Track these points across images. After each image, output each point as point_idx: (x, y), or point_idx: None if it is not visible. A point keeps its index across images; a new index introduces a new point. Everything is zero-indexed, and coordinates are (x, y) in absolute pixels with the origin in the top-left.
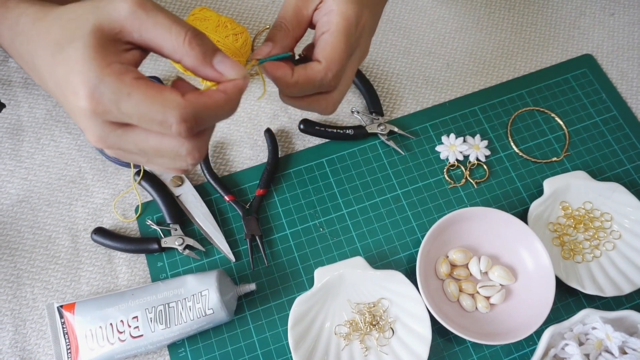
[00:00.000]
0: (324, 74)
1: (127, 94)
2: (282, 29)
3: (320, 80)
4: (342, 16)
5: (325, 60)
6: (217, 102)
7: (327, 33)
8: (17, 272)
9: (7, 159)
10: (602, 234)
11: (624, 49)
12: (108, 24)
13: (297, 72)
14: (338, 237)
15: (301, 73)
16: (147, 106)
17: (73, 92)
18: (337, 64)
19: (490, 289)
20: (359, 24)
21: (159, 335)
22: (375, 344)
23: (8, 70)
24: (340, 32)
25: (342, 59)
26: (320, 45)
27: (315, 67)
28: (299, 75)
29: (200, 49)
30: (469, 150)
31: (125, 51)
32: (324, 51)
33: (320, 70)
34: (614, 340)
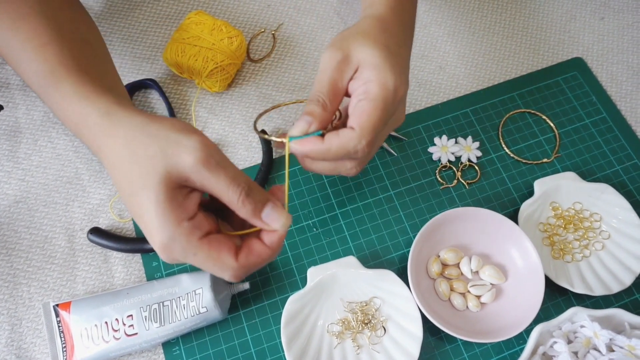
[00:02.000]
0: (358, 142)
1: (193, 253)
2: (321, 104)
3: (353, 148)
4: (382, 87)
5: (360, 129)
6: (263, 259)
7: (364, 101)
8: (14, 272)
9: (5, 160)
10: (591, 234)
11: (613, 52)
12: (176, 174)
13: (329, 140)
14: (331, 237)
15: (333, 141)
16: (208, 266)
17: (149, 232)
18: (372, 133)
19: (480, 288)
20: (397, 95)
21: (154, 333)
22: (368, 342)
23: (6, 72)
24: (378, 102)
25: (377, 128)
26: (355, 113)
27: (349, 134)
28: (330, 143)
29: (251, 206)
30: (461, 151)
31: (189, 194)
32: (359, 119)
33: (354, 137)
34: (602, 338)
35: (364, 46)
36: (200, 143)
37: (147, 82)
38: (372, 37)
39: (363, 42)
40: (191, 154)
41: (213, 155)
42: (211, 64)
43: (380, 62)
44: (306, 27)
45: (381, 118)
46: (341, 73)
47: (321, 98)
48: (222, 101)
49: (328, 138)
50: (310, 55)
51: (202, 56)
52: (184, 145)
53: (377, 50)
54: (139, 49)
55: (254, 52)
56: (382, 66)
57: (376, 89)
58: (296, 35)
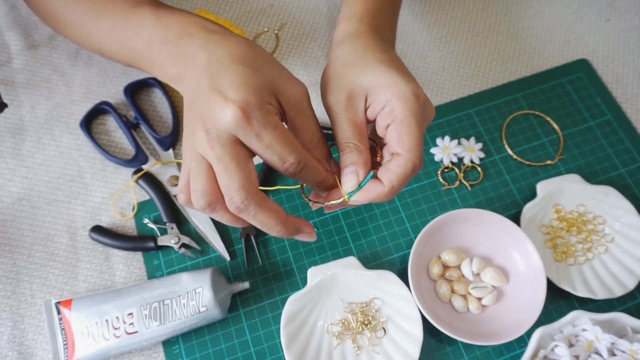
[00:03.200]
0: (413, 164)
1: (272, 127)
2: (355, 149)
3: (412, 171)
4: (403, 101)
5: (407, 151)
6: (320, 170)
7: (394, 123)
8: (16, 269)
9: (9, 157)
10: (594, 237)
11: (619, 54)
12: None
13: (386, 178)
14: (332, 237)
15: (392, 177)
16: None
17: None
18: (419, 148)
19: (482, 290)
20: (420, 98)
21: (154, 331)
22: (367, 343)
23: (11, 71)
24: (409, 117)
25: (419, 140)
26: (394, 138)
27: (400, 161)
28: (391, 181)
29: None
30: (463, 152)
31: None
32: (401, 142)
33: (408, 161)
34: (604, 342)
35: (362, 73)
36: (304, 85)
37: (151, 80)
38: (360, 62)
39: (357, 71)
40: (301, 87)
41: (310, 99)
42: None
43: (386, 79)
44: (309, 27)
45: (418, 130)
46: (354, 110)
47: (350, 143)
48: None
49: (384, 177)
50: (314, 55)
51: None
52: (296, 80)
53: (376, 70)
54: None
55: None
56: (391, 81)
57: (400, 105)
58: (299, 35)
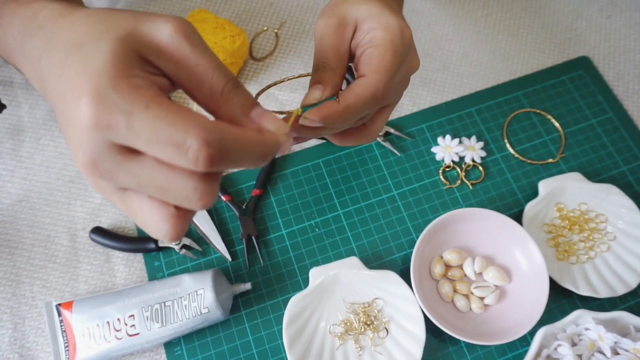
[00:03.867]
0: (375, 87)
1: (144, 106)
2: (328, 69)
3: (372, 94)
4: (386, 29)
5: (373, 73)
6: (250, 140)
7: (370, 48)
8: (17, 271)
9: (8, 158)
10: (596, 236)
11: (620, 51)
12: (144, 39)
13: (344, 97)
14: (334, 237)
15: (349, 96)
16: (165, 122)
17: (75, 96)
18: (387, 75)
19: (484, 290)
20: (405, 36)
21: (155, 333)
22: (370, 343)
23: (9, 71)
24: (386, 44)
25: (391, 70)
26: (364, 61)
27: (363, 82)
28: (347, 100)
29: (240, 100)
30: (465, 151)
31: (152, 74)
32: (370, 65)
33: (370, 83)
34: (607, 341)
35: (357, 4)
36: (180, 18)
37: None
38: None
39: (353, 2)
40: (169, 23)
41: (195, 33)
42: None
43: (378, 11)
44: (309, 26)
45: (393, 60)
46: (340, 36)
47: (327, 64)
48: None
49: (342, 96)
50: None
51: None
52: (161, 16)
53: (372, 3)
54: None
55: (256, 51)
56: (381, 13)
57: (381, 33)
58: (299, 34)
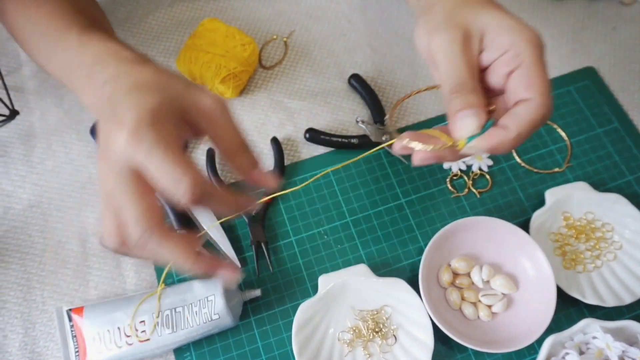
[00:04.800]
0: (546, 109)
1: (164, 148)
2: (473, 92)
3: (542, 118)
4: (532, 44)
5: (540, 95)
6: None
7: (522, 67)
8: (27, 276)
9: (20, 164)
10: (603, 244)
11: (625, 62)
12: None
13: (514, 123)
14: (342, 244)
15: (520, 122)
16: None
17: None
18: (549, 94)
19: (492, 298)
20: (544, 49)
21: (166, 339)
22: (378, 350)
23: (21, 78)
24: (538, 61)
25: (550, 88)
26: (519, 83)
27: (532, 105)
28: (519, 126)
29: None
30: (472, 160)
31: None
32: (531, 86)
33: (540, 106)
34: (614, 350)
35: (478, 14)
36: (221, 97)
37: None
38: (476, 3)
39: (474, 11)
40: (213, 97)
41: (228, 107)
42: (224, 71)
43: (508, 21)
44: (318, 34)
45: (547, 77)
46: (470, 51)
47: (468, 84)
48: (233, 108)
49: (509, 122)
50: (322, 62)
51: (214, 63)
52: (208, 92)
53: (495, 12)
54: (152, 55)
55: (265, 59)
56: (512, 23)
57: (529, 50)
58: (308, 42)
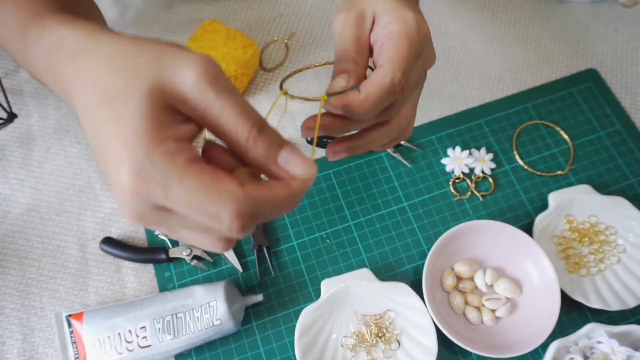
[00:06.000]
0: (392, 75)
1: (178, 179)
2: (352, 60)
3: (390, 82)
4: (402, 23)
5: (390, 62)
6: (280, 197)
7: (388, 41)
8: (26, 281)
9: (18, 168)
10: (606, 248)
11: (627, 64)
12: (169, 89)
13: (364, 86)
14: (345, 248)
15: (367, 84)
16: (200, 196)
17: (116, 163)
18: (403, 63)
19: (495, 302)
20: (421, 29)
21: (167, 345)
22: (382, 355)
23: (19, 80)
24: (402, 37)
25: (408, 60)
26: (382, 53)
27: (380, 71)
28: (366, 89)
29: (265, 145)
30: (475, 163)
31: (181, 123)
32: (387, 55)
33: (387, 72)
34: (619, 354)
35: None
36: (205, 59)
37: None
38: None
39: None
40: (193, 67)
41: (221, 75)
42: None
43: (395, 5)
44: (318, 36)
45: (409, 52)
46: (360, 28)
47: (349, 55)
48: None
49: (362, 86)
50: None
51: None
52: (186, 57)
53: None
54: None
55: (266, 61)
56: (398, 7)
57: (397, 26)
58: (309, 44)
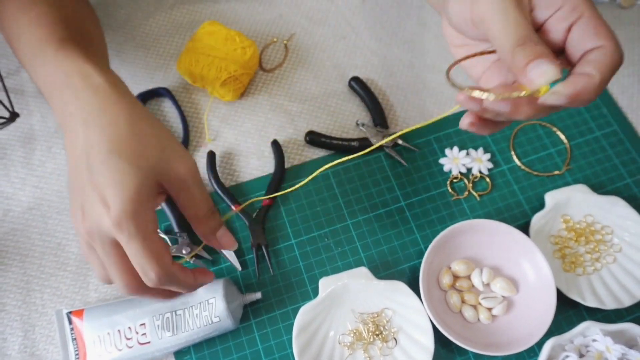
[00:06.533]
0: (619, 52)
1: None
2: (536, 42)
3: (619, 62)
4: None
5: (608, 40)
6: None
7: (582, 19)
8: (27, 278)
9: (20, 167)
10: (602, 247)
11: (624, 65)
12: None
13: (594, 68)
14: (343, 247)
15: (600, 67)
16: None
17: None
18: (614, 37)
19: (492, 301)
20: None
21: (166, 342)
22: (379, 353)
23: (21, 80)
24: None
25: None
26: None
27: (606, 51)
28: (600, 71)
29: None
30: (472, 163)
31: (159, 195)
32: (599, 34)
33: (614, 50)
34: (614, 352)
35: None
36: (192, 159)
37: (161, 90)
38: None
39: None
40: (186, 164)
41: (197, 174)
42: (224, 73)
43: None
44: (318, 37)
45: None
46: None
47: (533, 36)
48: (234, 110)
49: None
50: (322, 65)
51: (215, 66)
52: (181, 155)
53: None
54: (152, 58)
55: (266, 62)
56: None
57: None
58: (308, 45)
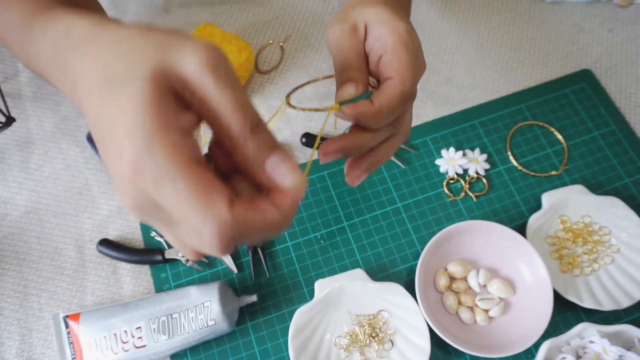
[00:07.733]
0: (403, 85)
1: (171, 178)
2: (356, 68)
3: (401, 92)
4: (396, 33)
5: (398, 74)
6: (267, 221)
7: (387, 52)
8: (24, 282)
9: (16, 170)
10: (600, 248)
11: (622, 64)
12: (172, 72)
13: (376, 98)
14: (339, 249)
15: (380, 96)
16: (187, 201)
17: (117, 151)
18: (410, 73)
19: (489, 302)
20: (414, 40)
21: (162, 345)
22: (375, 355)
23: (18, 84)
24: (400, 47)
25: (412, 69)
26: (385, 65)
27: (391, 83)
28: (379, 99)
29: (256, 145)
30: (469, 164)
31: (183, 110)
32: (391, 67)
33: (398, 84)
34: (611, 354)
35: (366, 9)
36: (210, 47)
37: None
38: (369, 2)
39: (363, 7)
40: (197, 54)
41: (224, 66)
42: None
43: (387, 16)
44: (314, 39)
45: (409, 59)
46: (356, 37)
47: (353, 64)
48: None
49: (374, 98)
50: (319, 67)
51: None
52: (190, 43)
53: (379, 8)
54: None
55: (262, 64)
56: (390, 19)
57: (392, 38)
58: (304, 47)
